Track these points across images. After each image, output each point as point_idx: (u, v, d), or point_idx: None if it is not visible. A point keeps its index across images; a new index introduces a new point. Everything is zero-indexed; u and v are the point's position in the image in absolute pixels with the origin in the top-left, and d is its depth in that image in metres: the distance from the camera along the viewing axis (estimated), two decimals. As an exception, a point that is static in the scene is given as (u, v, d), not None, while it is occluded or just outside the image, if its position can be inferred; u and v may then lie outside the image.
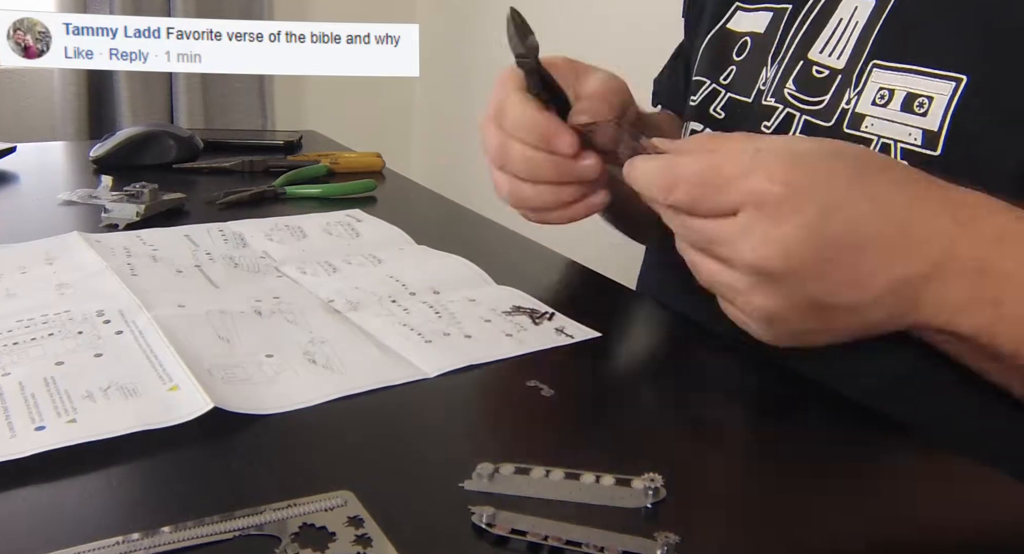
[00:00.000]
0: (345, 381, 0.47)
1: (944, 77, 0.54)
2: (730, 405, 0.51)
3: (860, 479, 0.42)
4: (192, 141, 1.01)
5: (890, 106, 0.56)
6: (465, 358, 0.51)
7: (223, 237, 0.72)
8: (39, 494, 0.37)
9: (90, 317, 0.53)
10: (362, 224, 0.77)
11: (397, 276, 0.63)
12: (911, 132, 0.55)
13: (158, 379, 0.46)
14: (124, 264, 0.63)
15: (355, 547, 0.34)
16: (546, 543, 0.35)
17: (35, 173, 0.93)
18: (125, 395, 0.44)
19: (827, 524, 0.38)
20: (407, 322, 0.55)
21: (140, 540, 0.34)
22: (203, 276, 0.62)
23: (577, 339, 0.55)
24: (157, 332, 0.51)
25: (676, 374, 0.55)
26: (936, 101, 0.54)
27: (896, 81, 0.56)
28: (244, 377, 0.47)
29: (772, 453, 0.45)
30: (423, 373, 0.49)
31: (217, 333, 0.52)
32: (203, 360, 0.48)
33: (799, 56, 0.63)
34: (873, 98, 0.57)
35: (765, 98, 0.65)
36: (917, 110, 0.55)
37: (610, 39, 1.74)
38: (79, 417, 0.42)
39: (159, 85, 1.99)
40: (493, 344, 0.53)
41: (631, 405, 0.49)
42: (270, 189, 0.87)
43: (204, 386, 0.44)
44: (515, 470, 0.39)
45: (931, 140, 0.54)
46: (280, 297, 0.59)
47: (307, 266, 0.65)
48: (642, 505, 0.37)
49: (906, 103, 0.56)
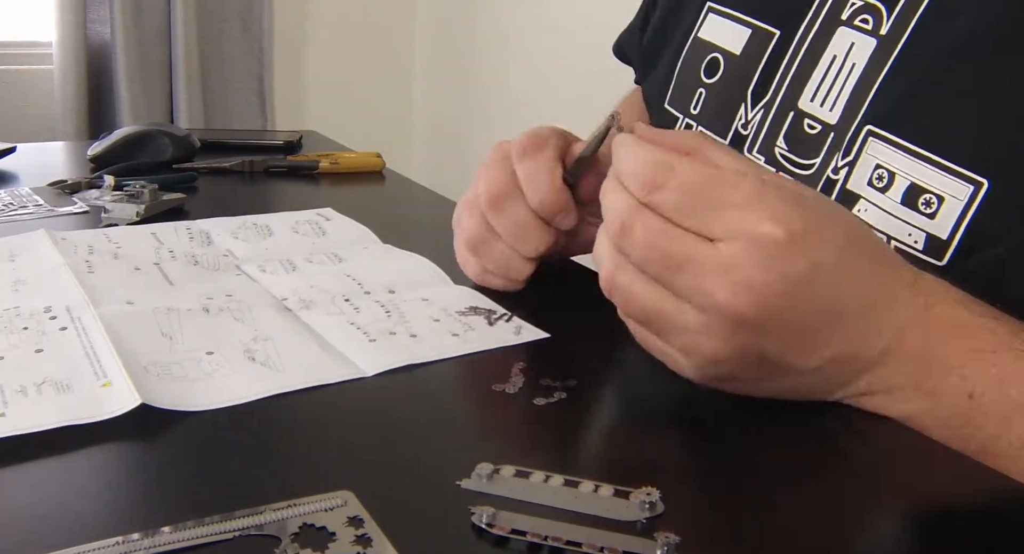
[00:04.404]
0: (282, 378, 0.47)
1: (958, 175, 0.46)
2: (729, 405, 0.50)
3: (861, 481, 0.42)
4: (188, 140, 1.01)
5: (889, 193, 0.49)
6: (406, 357, 0.50)
7: (189, 235, 0.72)
8: (39, 495, 0.38)
9: (37, 313, 0.53)
10: (330, 223, 0.77)
11: (355, 275, 0.63)
12: (912, 233, 0.48)
13: (93, 375, 0.46)
14: (82, 261, 0.63)
15: (355, 547, 0.34)
16: (546, 543, 0.35)
17: (35, 173, 0.93)
18: (58, 390, 0.44)
19: (828, 527, 0.38)
20: (355, 321, 0.55)
21: (140, 540, 0.34)
22: (160, 274, 0.62)
23: (526, 340, 0.54)
24: (100, 329, 0.51)
25: (674, 378, 0.55)
26: (948, 204, 0.46)
27: (897, 163, 0.49)
28: (180, 374, 0.47)
29: (772, 454, 0.44)
30: (361, 372, 0.49)
31: (160, 330, 0.52)
32: (141, 356, 0.48)
33: (789, 104, 0.57)
34: (870, 177, 0.50)
35: (749, 149, 0.59)
36: (923, 208, 0.47)
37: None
38: (8, 411, 0.42)
39: (159, 85, 2.01)
40: (437, 343, 0.52)
41: (610, 409, 0.49)
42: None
43: (136, 382, 0.44)
44: (515, 473, 0.39)
45: (936, 248, 0.47)
46: (233, 295, 0.59)
47: (268, 264, 0.65)
48: (638, 519, 0.36)
49: (908, 196, 0.48)
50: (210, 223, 0.75)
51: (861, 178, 0.51)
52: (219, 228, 0.74)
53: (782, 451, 0.44)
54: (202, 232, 0.73)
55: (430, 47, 2.36)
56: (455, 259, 0.63)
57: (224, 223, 0.75)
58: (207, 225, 0.74)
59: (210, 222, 0.75)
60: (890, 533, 0.38)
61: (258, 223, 0.76)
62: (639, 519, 0.37)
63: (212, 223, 0.75)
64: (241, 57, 2.11)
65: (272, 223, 0.76)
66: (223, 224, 0.75)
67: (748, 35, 0.61)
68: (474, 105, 2.24)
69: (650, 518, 0.37)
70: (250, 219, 0.77)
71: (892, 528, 0.38)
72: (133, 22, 1.94)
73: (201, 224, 0.75)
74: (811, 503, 0.40)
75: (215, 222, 0.75)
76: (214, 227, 0.74)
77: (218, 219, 0.76)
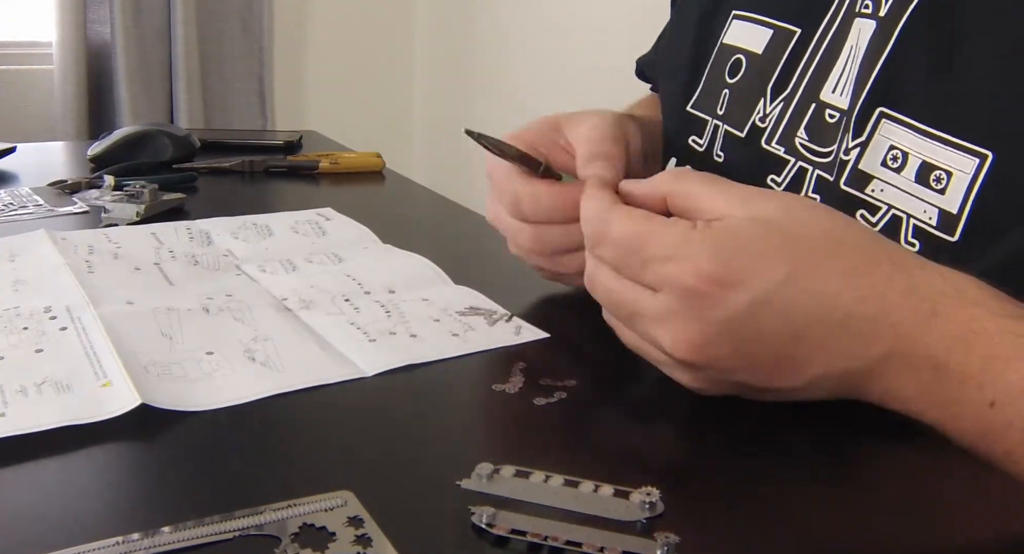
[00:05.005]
0: (282, 379, 0.47)
1: (965, 150, 0.47)
2: (729, 406, 0.50)
3: (860, 481, 0.42)
4: (188, 140, 1.01)
5: (903, 173, 0.50)
6: (406, 357, 0.50)
7: (189, 235, 0.72)
8: (39, 495, 0.38)
9: (37, 313, 0.53)
10: (330, 223, 0.77)
11: (355, 275, 0.63)
12: (926, 209, 0.48)
13: (93, 375, 0.46)
14: (83, 261, 0.63)
15: (355, 547, 0.34)
16: (546, 543, 0.35)
17: (35, 173, 0.93)
18: (58, 390, 0.44)
19: (827, 527, 0.38)
20: (355, 321, 0.55)
21: (140, 540, 0.34)
22: (160, 274, 0.62)
23: (526, 340, 0.54)
24: (100, 329, 0.51)
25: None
26: (956, 178, 0.47)
27: (909, 143, 0.49)
28: (180, 374, 0.47)
29: (771, 455, 0.44)
30: (361, 372, 0.49)
31: (161, 330, 0.52)
32: (141, 357, 0.48)
33: (811, 97, 0.57)
34: (884, 158, 0.51)
35: (768, 141, 0.60)
36: (934, 185, 0.48)
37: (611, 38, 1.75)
38: (8, 411, 0.42)
39: (159, 85, 2.01)
40: (437, 344, 0.52)
41: (613, 409, 0.49)
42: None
43: (136, 382, 0.44)
44: (515, 473, 0.39)
45: (948, 223, 0.47)
46: (233, 295, 0.59)
47: (268, 264, 0.65)
48: (637, 519, 0.36)
49: (921, 174, 0.49)
50: (210, 223, 0.75)
51: (875, 159, 0.51)
52: (219, 228, 0.74)
53: (781, 452, 0.44)
54: (202, 232, 0.73)
55: (430, 47, 2.36)
56: (455, 259, 0.63)
57: (224, 223, 0.75)
58: (207, 225, 0.74)
59: (210, 222, 0.75)
60: (891, 533, 0.38)
61: (258, 223, 0.76)
62: (639, 519, 0.37)
63: (212, 223, 0.75)
64: (241, 57, 2.11)
65: (272, 223, 0.76)
66: (223, 224, 0.75)
67: (770, 35, 0.62)
68: (474, 105, 2.24)
69: (650, 518, 0.37)
70: (250, 219, 0.77)
71: (892, 528, 0.38)
72: (133, 22, 1.94)
73: (201, 224, 0.75)
74: (810, 504, 0.40)
75: (215, 222, 0.75)
76: (214, 227, 0.74)
77: (218, 219, 0.76)
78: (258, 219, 0.77)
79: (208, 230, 0.73)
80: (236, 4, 2.08)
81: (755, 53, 0.63)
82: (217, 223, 0.75)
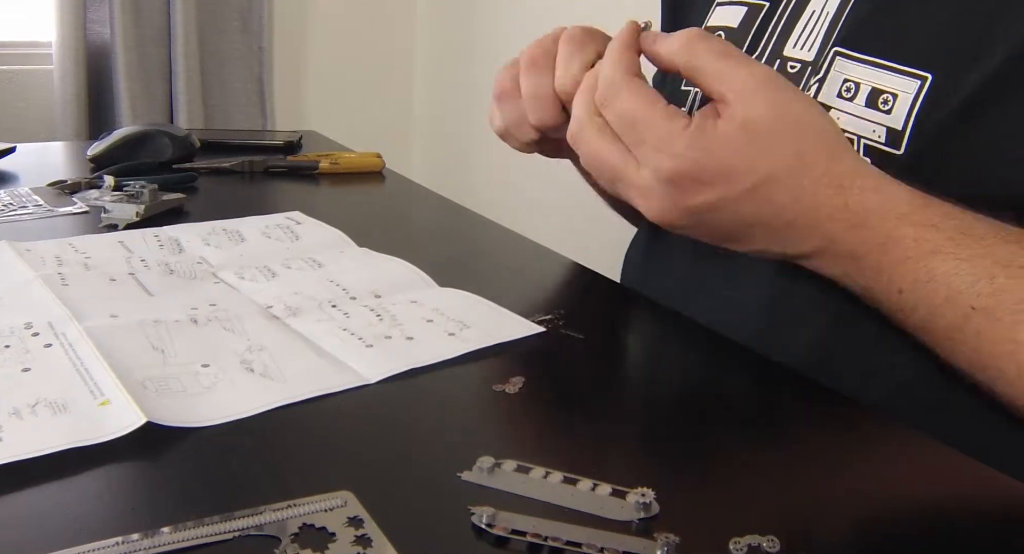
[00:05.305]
0: (284, 389, 0.46)
1: (909, 74, 0.54)
2: (725, 404, 0.50)
3: (860, 481, 0.42)
4: (188, 140, 1.01)
5: (855, 100, 0.56)
6: (407, 361, 0.50)
7: (158, 243, 0.70)
8: (39, 495, 0.38)
9: (18, 330, 0.51)
10: (301, 226, 0.76)
11: (337, 280, 0.62)
12: (875, 129, 0.55)
13: (88, 394, 0.44)
14: (55, 273, 0.61)
15: (355, 547, 0.34)
16: (546, 543, 0.35)
17: (35, 173, 0.93)
18: (54, 411, 0.43)
19: (826, 529, 0.38)
20: (347, 327, 0.55)
21: (140, 540, 0.34)
22: (137, 284, 0.61)
23: (522, 334, 0.55)
24: (88, 344, 0.49)
25: (672, 376, 0.55)
26: (901, 99, 0.54)
27: (861, 74, 0.56)
28: (179, 388, 0.46)
29: (770, 455, 0.44)
30: (364, 379, 0.48)
31: (151, 343, 0.51)
32: (136, 372, 0.47)
33: (776, 53, 0.64)
34: (839, 90, 0.57)
35: None
36: (882, 107, 0.55)
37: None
38: (5, 435, 0.41)
39: (159, 85, 2.00)
40: (435, 345, 0.52)
41: (612, 406, 0.49)
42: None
43: (136, 400, 0.43)
44: (516, 468, 0.39)
45: (895, 139, 0.54)
46: (217, 304, 0.58)
47: (245, 271, 0.64)
48: (632, 519, 0.37)
49: (871, 98, 0.55)
50: (178, 229, 0.73)
51: (831, 92, 0.58)
52: (189, 234, 0.72)
53: (780, 452, 0.44)
54: (171, 239, 0.71)
55: (430, 47, 2.36)
56: (455, 259, 0.63)
57: (194, 229, 0.74)
58: (175, 232, 0.73)
59: (178, 228, 0.74)
60: (890, 532, 0.38)
61: (228, 228, 0.74)
62: (634, 519, 0.37)
63: (180, 229, 0.73)
64: (241, 57, 2.11)
65: (242, 228, 0.75)
66: (193, 230, 0.73)
67: (744, 11, 0.68)
68: (474, 105, 2.23)
69: (645, 519, 0.37)
70: (219, 224, 0.75)
71: (892, 527, 0.38)
72: (133, 22, 1.94)
73: (169, 231, 0.73)
74: (809, 504, 0.40)
75: (183, 228, 0.74)
76: (183, 234, 0.72)
77: (186, 225, 0.75)
78: (227, 224, 0.75)
79: (178, 237, 0.71)
80: (236, 4, 2.07)
81: (731, 27, 0.69)
82: (186, 229, 0.74)
